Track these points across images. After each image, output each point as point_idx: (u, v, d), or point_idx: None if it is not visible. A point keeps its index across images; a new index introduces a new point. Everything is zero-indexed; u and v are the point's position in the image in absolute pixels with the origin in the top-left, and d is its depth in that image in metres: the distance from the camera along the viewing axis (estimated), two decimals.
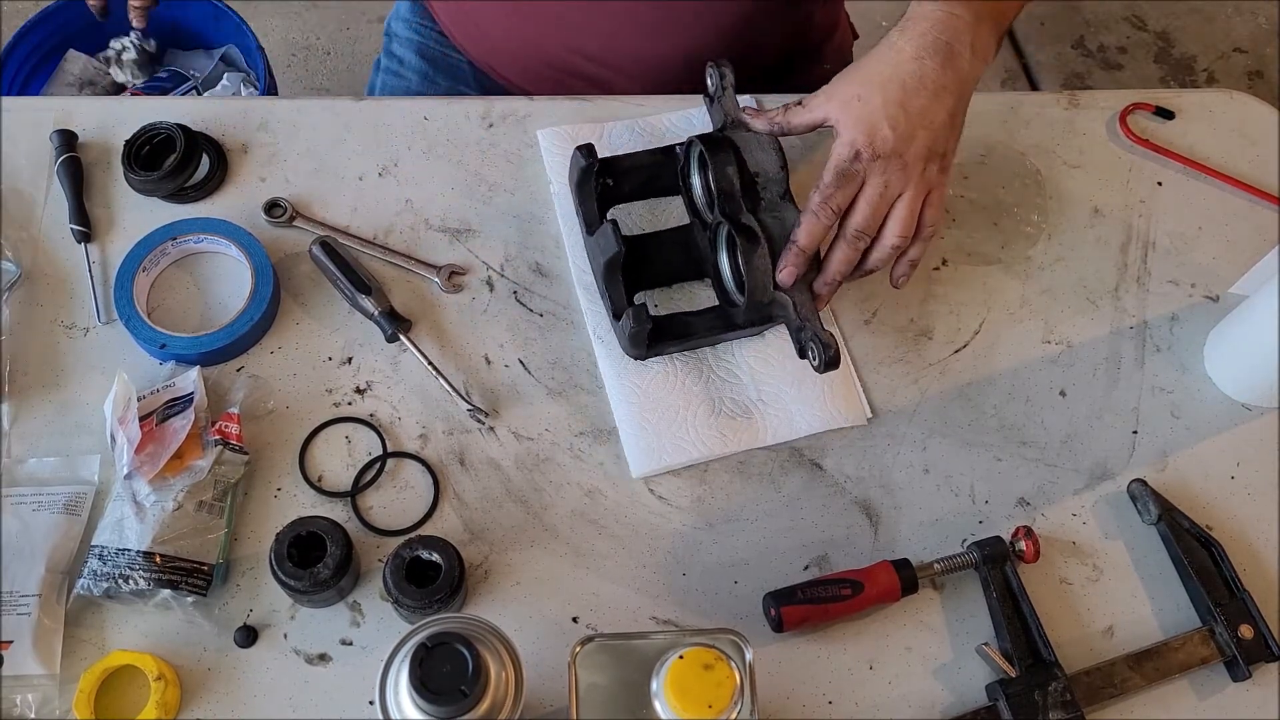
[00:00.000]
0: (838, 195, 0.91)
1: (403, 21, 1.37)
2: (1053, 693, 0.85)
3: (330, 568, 0.84)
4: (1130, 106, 1.15)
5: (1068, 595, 0.92)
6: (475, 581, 0.90)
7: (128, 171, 1.03)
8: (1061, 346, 1.03)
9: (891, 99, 0.89)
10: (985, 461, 0.98)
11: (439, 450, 0.95)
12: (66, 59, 1.82)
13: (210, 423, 0.92)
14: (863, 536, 0.94)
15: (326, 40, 2.33)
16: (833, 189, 0.91)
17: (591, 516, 0.93)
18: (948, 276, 1.06)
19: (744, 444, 0.96)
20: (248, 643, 0.87)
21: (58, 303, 0.99)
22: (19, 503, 0.89)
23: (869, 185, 0.91)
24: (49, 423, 0.94)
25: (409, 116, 1.10)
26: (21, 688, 0.83)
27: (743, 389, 0.98)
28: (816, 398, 0.98)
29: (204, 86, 1.81)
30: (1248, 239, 1.10)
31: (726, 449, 0.96)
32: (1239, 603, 0.90)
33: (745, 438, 0.96)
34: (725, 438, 0.96)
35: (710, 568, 0.92)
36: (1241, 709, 0.89)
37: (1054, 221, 1.09)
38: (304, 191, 1.06)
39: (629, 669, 0.73)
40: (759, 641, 0.87)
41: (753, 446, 0.96)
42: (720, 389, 0.98)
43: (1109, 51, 2.46)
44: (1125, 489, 0.96)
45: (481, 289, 1.02)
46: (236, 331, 0.96)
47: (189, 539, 0.87)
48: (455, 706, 0.69)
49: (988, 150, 1.12)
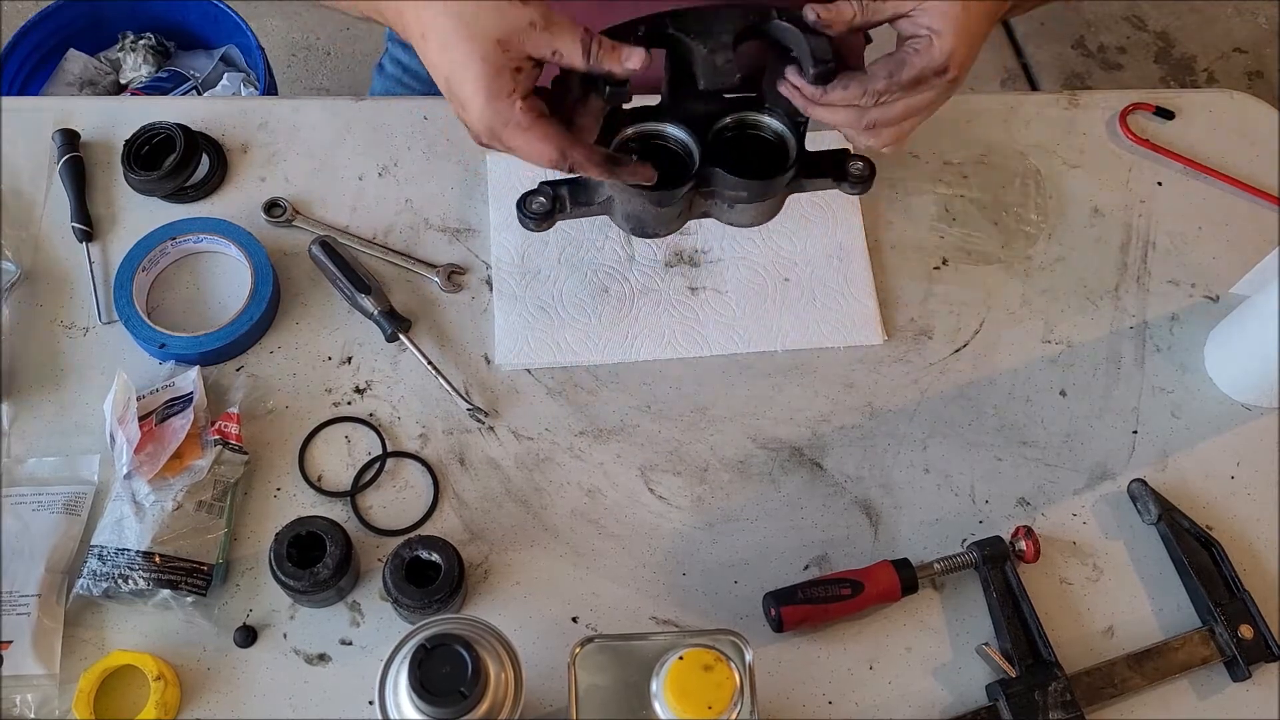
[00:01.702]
0: (903, 100, 0.83)
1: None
2: (1053, 693, 0.85)
3: (330, 568, 0.84)
4: (1130, 106, 1.15)
5: (1068, 595, 0.92)
6: (475, 581, 0.90)
7: (128, 171, 1.03)
8: (1061, 346, 1.03)
9: (977, 17, 0.82)
10: (985, 461, 0.98)
11: (439, 450, 0.95)
12: (66, 59, 1.82)
13: (210, 422, 0.92)
14: (863, 536, 0.94)
15: (326, 40, 2.33)
16: (902, 92, 0.82)
17: (591, 516, 0.93)
18: (948, 276, 1.06)
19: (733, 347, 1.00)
20: (247, 643, 0.87)
21: (58, 303, 0.99)
22: (19, 502, 0.89)
23: (924, 100, 0.84)
24: (49, 423, 0.94)
25: (409, 116, 1.10)
26: (21, 688, 0.83)
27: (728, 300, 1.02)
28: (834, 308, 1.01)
29: (204, 86, 1.81)
30: (1248, 239, 1.09)
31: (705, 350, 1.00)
32: (1239, 603, 0.90)
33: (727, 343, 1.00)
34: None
35: (710, 568, 0.92)
36: (1241, 709, 0.89)
37: (1054, 221, 1.09)
38: (304, 191, 1.06)
39: (629, 670, 0.73)
40: (759, 641, 0.87)
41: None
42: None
43: (1109, 51, 2.46)
44: (1125, 489, 0.96)
45: (481, 289, 1.02)
46: (236, 331, 0.96)
47: (188, 539, 0.87)
48: (454, 708, 0.69)
49: (988, 150, 1.12)
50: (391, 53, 1.36)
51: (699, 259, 1.04)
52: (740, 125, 0.93)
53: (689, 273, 1.03)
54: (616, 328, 1.00)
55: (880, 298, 1.04)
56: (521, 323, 1.00)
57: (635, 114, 0.92)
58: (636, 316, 1.01)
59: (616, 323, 1.01)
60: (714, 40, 0.85)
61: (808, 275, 1.03)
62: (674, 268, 1.03)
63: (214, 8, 1.81)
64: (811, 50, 0.85)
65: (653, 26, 0.86)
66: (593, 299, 1.01)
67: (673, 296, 1.02)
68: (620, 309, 1.01)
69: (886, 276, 1.05)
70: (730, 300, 1.02)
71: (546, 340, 0.99)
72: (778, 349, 1.00)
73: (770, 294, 1.03)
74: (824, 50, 0.85)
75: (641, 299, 1.02)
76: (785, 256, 1.04)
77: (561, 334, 0.99)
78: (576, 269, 1.02)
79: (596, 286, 1.02)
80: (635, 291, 1.02)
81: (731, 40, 0.85)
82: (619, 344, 1.00)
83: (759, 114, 0.93)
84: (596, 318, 1.01)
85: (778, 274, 1.03)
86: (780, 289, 1.03)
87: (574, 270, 1.02)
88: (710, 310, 1.02)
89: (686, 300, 1.02)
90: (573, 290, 1.01)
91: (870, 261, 1.04)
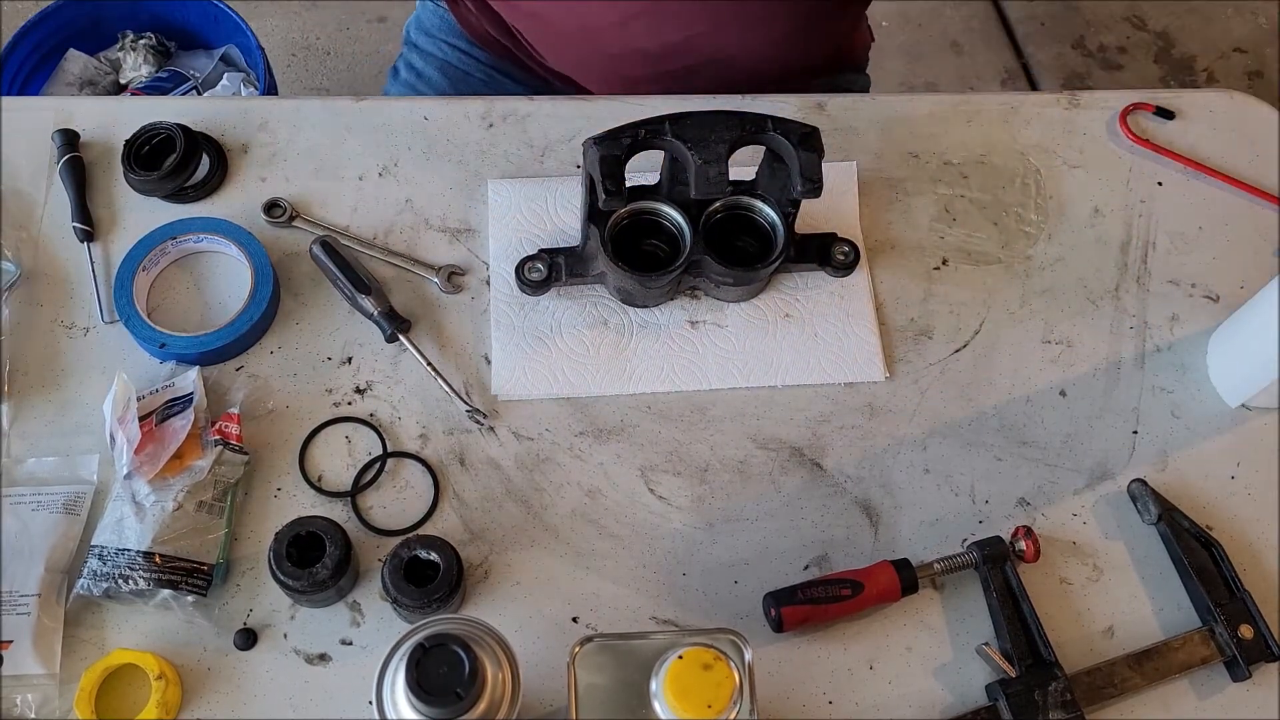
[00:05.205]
0: None
1: (429, 37, 1.34)
2: (1053, 693, 0.85)
3: (329, 568, 0.84)
4: (1130, 106, 1.15)
5: (1068, 595, 0.92)
6: (475, 581, 0.90)
7: (128, 171, 1.03)
8: (1061, 346, 1.03)
9: None
10: (985, 461, 0.98)
11: (439, 450, 0.95)
12: (66, 59, 1.82)
13: (210, 423, 0.92)
14: (863, 536, 0.94)
15: (326, 40, 2.33)
16: None
17: (591, 516, 0.93)
18: (948, 276, 1.06)
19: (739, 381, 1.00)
20: (247, 645, 0.86)
21: (57, 303, 0.99)
22: (18, 502, 0.89)
23: None
24: (48, 423, 0.94)
25: (409, 116, 1.10)
26: (21, 687, 0.83)
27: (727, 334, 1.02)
28: (835, 348, 1.01)
29: (204, 86, 1.81)
30: (1248, 239, 1.10)
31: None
32: (1239, 603, 0.90)
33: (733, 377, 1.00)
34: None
35: (710, 568, 0.92)
36: (1241, 709, 0.89)
37: (1054, 221, 1.09)
38: (304, 191, 1.06)
39: (628, 669, 0.73)
40: (759, 641, 0.87)
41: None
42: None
43: (1109, 51, 2.46)
44: (1125, 489, 0.96)
45: (481, 289, 1.02)
46: (236, 331, 0.96)
47: (189, 539, 0.87)
48: (451, 708, 0.69)
49: (988, 150, 1.12)
50: (406, 57, 1.36)
51: (699, 293, 1.03)
52: (733, 207, 1.00)
53: (689, 306, 1.02)
54: (615, 361, 0.99)
55: (880, 298, 1.04)
56: (519, 353, 0.99)
57: (634, 192, 0.96)
58: (635, 350, 1.00)
59: (615, 356, 0.99)
60: (709, 150, 0.90)
61: (809, 311, 1.02)
62: (674, 301, 1.03)
63: (214, 8, 1.80)
64: (801, 167, 0.90)
65: (651, 129, 0.91)
66: (591, 331, 1.01)
67: (672, 330, 1.01)
68: (619, 342, 1.00)
69: (886, 276, 1.05)
70: (730, 335, 1.01)
71: (544, 371, 0.98)
72: (778, 384, 0.99)
73: (771, 329, 1.02)
74: (813, 168, 0.88)
75: (641, 332, 1.01)
76: (786, 292, 1.04)
77: (559, 366, 0.98)
78: (575, 300, 1.02)
79: (595, 319, 1.01)
80: (634, 325, 1.01)
81: (726, 150, 0.90)
82: (617, 377, 0.99)
83: (751, 199, 1.00)
84: (595, 350, 1.00)
85: (779, 310, 1.03)
86: (781, 325, 1.02)
87: (572, 302, 1.02)
88: (710, 345, 1.01)
89: (686, 334, 1.01)
90: (571, 322, 1.01)
91: (874, 296, 1.03)
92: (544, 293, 1.00)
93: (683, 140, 0.90)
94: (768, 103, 1.11)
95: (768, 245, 0.99)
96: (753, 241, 1.00)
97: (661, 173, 0.97)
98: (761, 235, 1.00)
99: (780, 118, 0.92)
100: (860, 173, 1.09)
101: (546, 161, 1.09)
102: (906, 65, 2.38)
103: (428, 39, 1.33)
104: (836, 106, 1.13)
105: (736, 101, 1.10)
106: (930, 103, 1.15)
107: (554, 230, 1.04)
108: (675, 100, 1.11)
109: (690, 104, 0.95)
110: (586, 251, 0.99)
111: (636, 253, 1.00)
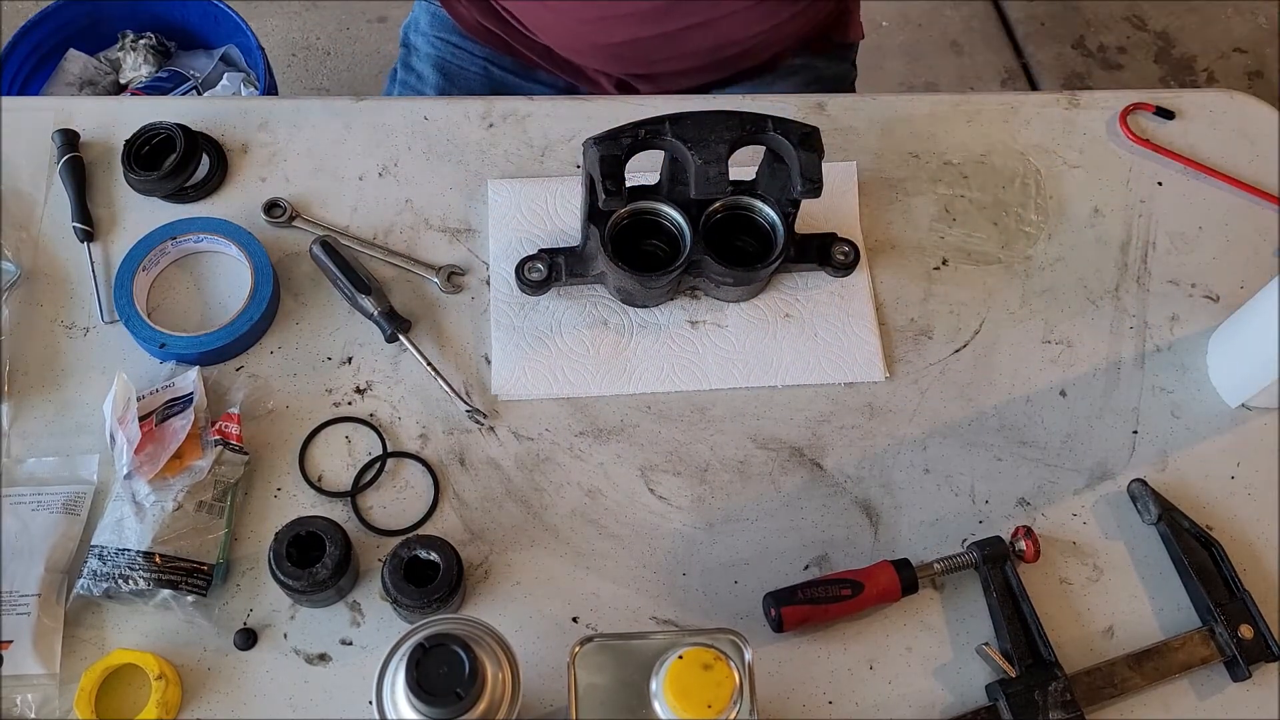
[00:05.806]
0: None
1: (422, 35, 1.34)
2: (1053, 693, 0.85)
3: (329, 568, 0.84)
4: (1130, 106, 1.15)
5: (1068, 595, 0.92)
6: (475, 581, 0.90)
7: (128, 171, 1.03)
8: (1061, 346, 1.03)
9: None
10: (985, 461, 0.98)
11: (439, 450, 0.95)
12: (66, 59, 1.82)
13: (210, 423, 0.92)
14: (863, 536, 0.94)
15: (326, 40, 2.33)
16: None
17: (591, 516, 0.93)
18: (948, 276, 1.06)
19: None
20: (247, 646, 0.86)
21: (57, 303, 0.99)
22: (18, 502, 0.89)
23: None
24: (48, 423, 0.94)
25: (409, 116, 1.10)
26: (21, 687, 0.83)
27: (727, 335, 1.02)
28: (835, 347, 1.01)
29: (204, 86, 1.81)
30: (1248, 239, 1.10)
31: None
32: (1239, 603, 0.90)
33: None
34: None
35: (710, 568, 0.92)
36: (1241, 709, 0.89)
37: (1054, 221, 1.09)
38: (304, 191, 1.06)
39: (628, 669, 0.73)
40: (759, 641, 0.87)
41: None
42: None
43: (1109, 51, 2.46)
44: (1125, 489, 0.96)
45: (481, 289, 1.02)
46: (236, 331, 0.96)
47: (189, 539, 0.87)
48: (451, 708, 0.69)
49: (988, 150, 1.12)
50: (402, 59, 1.36)
51: (699, 293, 1.03)
52: (733, 206, 1.00)
53: (689, 306, 1.02)
54: (615, 361, 0.99)
55: (880, 298, 1.04)
56: (519, 353, 0.99)
57: (634, 192, 0.97)
58: (635, 350, 1.00)
59: (615, 356, 1.00)
60: (709, 150, 0.90)
61: (809, 311, 1.02)
62: (674, 301, 1.03)
63: (214, 8, 1.80)
64: (801, 167, 0.91)
65: (651, 129, 0.91)
66: (591, 331, 1.01)
67: (672, 330, 1.01)
68: (619, 342, 1.00)
69: (886, 276, 1.05)
70: (730, 335, 1.01)
71: (544, 371, 0.98)
72: (778, 384, 0.99)
73: (771, 329, 1.02)
74: (813, 168, 0.89)
75: (641, 332, 1.01)
76: (787, 292, 1.04)
77: (559, 366, 0.98)
78: (575, 300, 1.02)
79: (595, 319, 1.01)
80: (634, 325, 1.01)
81: (726, 150, 0.90)
82: (617, 377, 0.99)
83: (751, 199, 1.00)
84: (595, 350, 1.00)
85: (779, 310, 1.03)
86: (781, 325, 1.02)
87: (572, 301, 1.02)
88: (710, 345, 1.01)
89: (686, 334, 1.01)
90: (571, 322, 1.01)
91: (874, 296, 1.03)
92: (544, 293, 1.01)
93: (683, 140, 0.90)
94: (768, 103, 1.11)
95: (768, 245, 0.99)
96: (753, 241, 1.00)
97: (661, 173, 0.97)
98: (761, 235, 1.00)
99: (780, 118, 0.92)
100: (860, 173, 1.09)
101: (546, 161, 1.09)
102: (906, 65, 2.38)
103: (422, 38, 1.34)
104: (836, 106, 1.13)
105: (736, 101, 1.11)
106: (930, 103, 1.15)
107: (554, 230, 1.04)
108: (675, 100, 1.11)
109: (690, 104, 0.95)
110: (586, 251, 0.99)
111: (636, 253, 1.00)
